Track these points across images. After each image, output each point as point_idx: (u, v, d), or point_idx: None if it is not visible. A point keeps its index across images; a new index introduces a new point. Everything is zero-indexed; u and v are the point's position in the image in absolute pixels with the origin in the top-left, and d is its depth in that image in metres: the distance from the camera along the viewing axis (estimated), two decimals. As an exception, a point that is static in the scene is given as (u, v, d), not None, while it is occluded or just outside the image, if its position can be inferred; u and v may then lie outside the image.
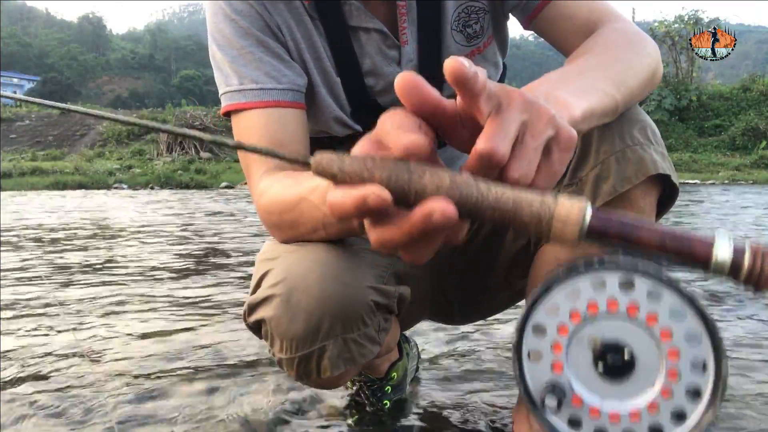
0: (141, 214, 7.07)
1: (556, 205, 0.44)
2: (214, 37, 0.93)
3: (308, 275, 0.82)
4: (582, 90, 0.65)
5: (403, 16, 0.94)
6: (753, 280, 0.42)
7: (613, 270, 0.44)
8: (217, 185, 15.91)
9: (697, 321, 0.43)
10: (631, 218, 0.45)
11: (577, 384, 0.46)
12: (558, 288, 0.45)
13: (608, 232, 0.44)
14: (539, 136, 0.48)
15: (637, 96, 0.78)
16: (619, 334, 0.45)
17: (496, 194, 0.44)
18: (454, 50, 0.98)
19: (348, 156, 0.45)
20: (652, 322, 0.44)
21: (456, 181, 0.45)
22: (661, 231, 0.44)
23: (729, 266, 0.42)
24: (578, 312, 0.45)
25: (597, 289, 0.45)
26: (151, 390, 1.44)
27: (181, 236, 4.98)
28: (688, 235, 0.44)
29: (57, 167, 17.08)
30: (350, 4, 0.92)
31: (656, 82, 0.83)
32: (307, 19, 0.94)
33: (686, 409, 0.44)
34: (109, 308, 2.33)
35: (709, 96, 20.25)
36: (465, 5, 0.96)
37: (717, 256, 0.42)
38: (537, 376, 0.46)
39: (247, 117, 0.90)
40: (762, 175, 14.44)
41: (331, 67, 0.97)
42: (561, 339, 0.45)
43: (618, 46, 0.80)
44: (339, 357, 0.85)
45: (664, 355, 0.44)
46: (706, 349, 0.43)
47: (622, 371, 0.45)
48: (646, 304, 0.43)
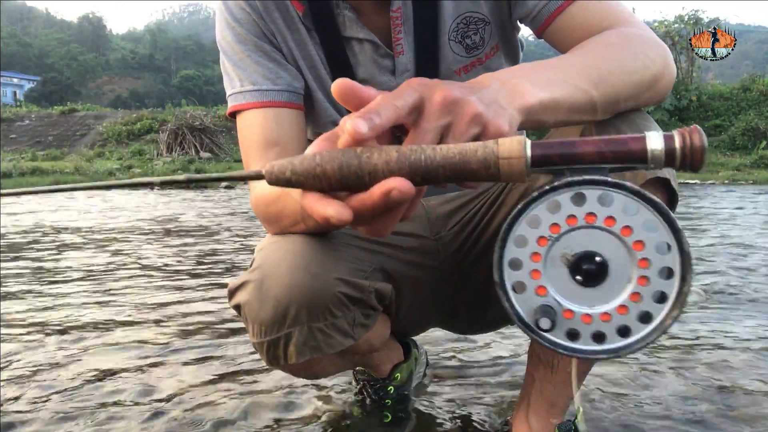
0: (195, 210, 7.02)
1: (498, 145, 0.47)
2: (219, 43, 0.98)
3: (281, 264, 0.87)
4: (550, 81, 0.65)
5: (398, 27, 0.94)
6: (688, 161, 0.46)
7: (562, 189, 0.47)
8: (217, 185, 15.87)
9: (648, 211, 0.46)
10: (568, 138, 0.48)
11: (562, 299, 0.49)
12: (520, 220, 0.49)
13: (551, 156, 0.47)
14: (461, 136, 0.51)
15: (627, 97, 0.75)
16: (586, 243, 0.48)
17: (442, 152, 0.47)
18: (451, 60, 0.98)
19: (297, 157, 0.48)
20: (611, 224, 0.47)
21: (403, 151, 0.47)
22: (597, 141, 0.47)
23: (664, 154, 0.46)
24: (543, 236, 0.48)
25: (554, 210, 0.48)
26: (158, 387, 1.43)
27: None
28: (621, 137, 0.47)
29: (57, 167, 17.06)
30: (343, 15, 0.94)
31: (660, 89, 0.80)
32: (302, 28, 0.96)
33: (666, 290, 0.47)
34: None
35: (709, 96, 20.23)
36: (464, 16, 0.95)
37: (651, 149, 0.46)
38: (527, 303, 0.50)
39: (246, 117, 0.95)
40: (762, 175, 14.42)
41: (327, 75, 0.99)
42: (536, 265, 0.49)
43: (610, 46, 0.78)
44: (305, 344, 0.88)
45: (629, 248, 0.47)
46: (666, 234, 0.46)
47: (598, 275, 0.48)
48: (600, 209, 0.47)
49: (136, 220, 6.07)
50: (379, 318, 1.02)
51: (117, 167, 17.28)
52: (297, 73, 0.98)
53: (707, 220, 5.35)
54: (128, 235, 4.81)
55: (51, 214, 6.70)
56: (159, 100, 52.54)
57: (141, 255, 3.76)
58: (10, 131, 23.76)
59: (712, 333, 1.88)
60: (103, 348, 1.80)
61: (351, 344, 0.94)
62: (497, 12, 0.96)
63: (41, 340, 1.89)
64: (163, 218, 6.23)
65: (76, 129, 24.08)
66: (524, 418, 1.06)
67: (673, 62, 0.82)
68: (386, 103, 0.50)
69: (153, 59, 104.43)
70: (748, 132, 18.12)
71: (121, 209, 7.38)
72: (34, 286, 2.77)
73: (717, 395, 1.37)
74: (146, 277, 2.99)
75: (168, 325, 2.06)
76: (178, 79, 77.12)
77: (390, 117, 0.49)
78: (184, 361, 1.67)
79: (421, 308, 1.11)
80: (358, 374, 1.37)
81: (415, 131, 0.51)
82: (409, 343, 1.38)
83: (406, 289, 1.04)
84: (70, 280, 2.93)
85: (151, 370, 1.59)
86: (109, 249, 4.04)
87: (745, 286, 2.60)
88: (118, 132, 22.23)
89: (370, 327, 0.97)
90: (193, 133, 18.89)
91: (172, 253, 3.81)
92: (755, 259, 3.28)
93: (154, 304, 2.39)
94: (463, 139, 0.51)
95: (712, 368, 1.55)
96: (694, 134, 0.45)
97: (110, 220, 6.06)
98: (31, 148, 21.46)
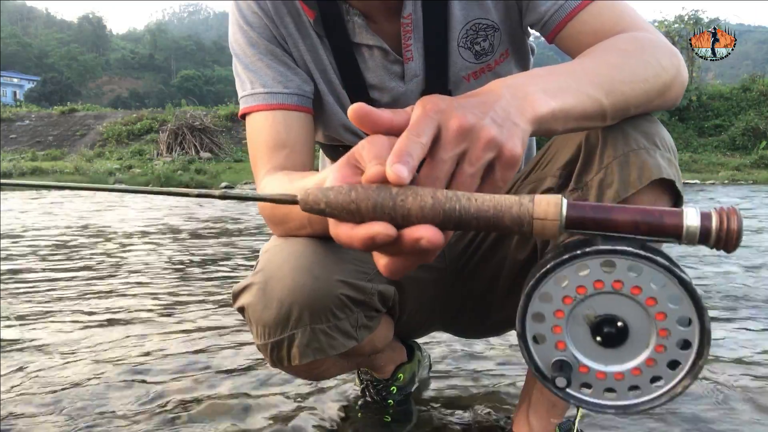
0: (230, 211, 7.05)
1: (534, 204, 0.47)
2: (231, 46, 0.99)
3: (284, 266, 0.87)
4: (561, 89, 0.64)
5: (408, 33, 0.94)
6: (722, 243, 0.45)
7: (594, 256, 0.47)
8: (217, 185, 15.89)
9: (674, 286, 0.46)
10: (604, 204, 0.48)
11: (580, 355, 0.50)
12: (548, 279, 0.49)
13: (585, 221, 0.47)
14: (477, 162, 0.52)
15: (637, 105, 0.74)
16: (610, 307, 0.48)
17: (477, 204, 0.47)
18: (460, 67, 0.98)
19: (332, 189, 0.48)
20: (637, 292, 0.47)
21: (438, 198, 0.47)
22: (633, 210, 0.47)
23: (699, 233, 0.45)
24: (569, 295, 0.49)
25: (582, 273, 0.48)
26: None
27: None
28: (659, 210, 0.47)
29: (57, 167, 17.07)
30: (353, 21, 0.95)
31: (671, 96, 0.78)
32: (313, 34, 0.97)
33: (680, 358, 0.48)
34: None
35: (709, 96, 20.23)
36: (473, 22, 0.95)
37: (687, 225, 0.45)
38: (545, 355, 0.51)
39: (256, 119, 0.96)
40: (762, 175, 14.43)
41: (337, 80, 1.00)
42: (559, 321, 0.50)
43: (623, 52, 0.76)
44: (308, 346, 0.89)
45: (651, 317, 0.48)
46: (689, 309, 0.47)
47: (618, 338, 0.49)
48: (628, 278, 0.47)
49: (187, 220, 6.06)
50: (383, 319, 1.02)
51: (117, 167, 17.28)
52: (307, 77, 0.98)
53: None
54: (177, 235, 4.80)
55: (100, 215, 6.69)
56: (159, 100, 52.50)
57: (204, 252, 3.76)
58: (10, 131, 23.76)
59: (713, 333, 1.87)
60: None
61: (354, 346, 0.94)
62: (507, 18, 0.95)
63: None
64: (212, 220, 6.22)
65: (76, 129, 24.07)
66: (525, 418, 1.06)
67: (685, 69, 0.80)
68: (413, 142, 0.50)
69: (153, 59, 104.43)
70: (748, 132, 18.12)
71: (157, 209, 7.37)
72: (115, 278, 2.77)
73: (718, 396, 1.37)
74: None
75: (181, 322, 2.06)
76: (178, 79, 77.07)
77: (420, 156, 0.50)
78: (183, 360, 1.67)
79: (425, 310, 1.10)
80: (361, 374, 1.37)
81: (432, 161, 0.51)
82: (412, 344, 1.38)
83: (410, 290, 1.04)
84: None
85: (150, 365, 1.59)
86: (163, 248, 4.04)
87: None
88: (118, 132, 22.22)
89: (373, 329, 0.97)
90: (193, 133, 18.89)
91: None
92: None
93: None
94: (479, 164, 0.51)
95: (712, 368, 1.55)
96: (732, 216, 0.45)
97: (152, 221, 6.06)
98: (31, 148, 21.46)
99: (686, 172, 16.46)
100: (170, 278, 2.99)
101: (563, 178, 0.85)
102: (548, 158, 0.90)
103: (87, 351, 1.77)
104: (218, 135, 19.40)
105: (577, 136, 0.83)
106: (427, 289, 1.06)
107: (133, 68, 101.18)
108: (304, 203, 0.49)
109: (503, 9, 0.95)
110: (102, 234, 5.04)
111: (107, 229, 5.35)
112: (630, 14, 0.84)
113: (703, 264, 3.20)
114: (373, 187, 0.48)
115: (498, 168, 0.53)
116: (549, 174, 0.88)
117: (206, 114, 20.68)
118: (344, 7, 0.94)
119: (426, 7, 0.93)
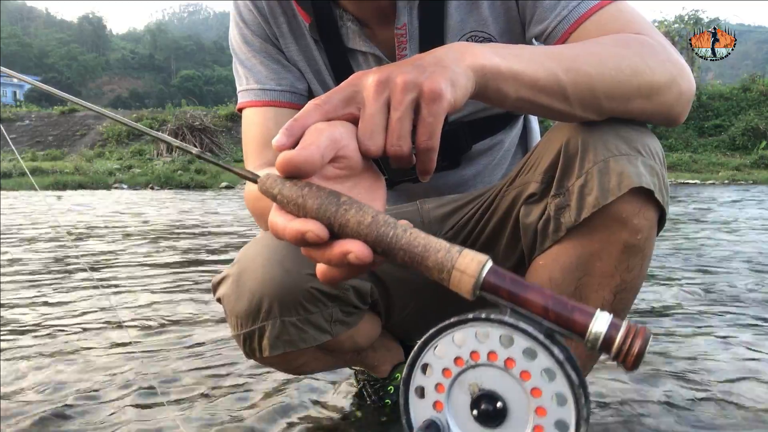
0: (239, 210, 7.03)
1: (459, 256, 0.47)
2: (230, 42, 1.02)
3: (257, 259, 0.89)
4: (513, 54, 0.63)
5: (403, 44, 0.94)
6: (621, 357, 0.43)
7: (497, 325, 0.46)
8: (217, 185, 15.90)
9: (565, 383, 0.44)
10: (525, 281, 0.47)
11: (453, 424, 0.48)
12: (446, 334, 0.48)
13: (500, 289, 0.46)
14: (399, 106, 0.52)
15: (607, 94, 0.70)
16: (496, 384, 0.47)
17: (408, 238, 0.48)
18: None
19: (289, 181, 0.51)
20: (526, 378, 0.45)
21: (377, 220, 0.48)
22: (548, 296, 0.46)
23: (601, 340, 0.44)
24: (462, 358, 0.47)
25: (481, 340, 0.47)
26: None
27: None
28: (572, 304, 0.45)
29: (57, 167, 17.08)
30: (347, 27, 0.95)
31: (662, 102, 0.74)
32: (307, 35, 0.98)
33: None
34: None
35: (709, 96, 20.25)
36: (469, 34, 0.94)
37: (592, 329, 0.44)
38: (422, 411, 0.49)
39: (249, 114, 0.98)
40: (762, 175, 14.44)
41: (332, 81, 1.01)
42: (444, 380, 0.48)
43: (600, 43, 0.73)
44: (278, 338, 0.90)
45: (532, 410, 0.45)
46: (569, 412, 0.44)
47: (495, 418, 0.47)
48: (522, 360, 0.45)
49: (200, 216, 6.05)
50: (366, 317, 1.02)
51: (117, 167, 17.29)
52: (300, 75, 1.00)
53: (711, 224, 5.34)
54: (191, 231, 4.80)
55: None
56: (159, 100, 52.51)
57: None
58: (10, 131, 23.78)
59: (713, 333, 1.88)
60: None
61: (328, 340, 0.94)
62: (507, 32, 0.93)
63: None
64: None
65: (76, 129, 24.09)
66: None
67: (688, 82, 0.75)
68: (308, 109, 0.53)
69: (153, 59, 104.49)
70: (748, 132, 18.14)
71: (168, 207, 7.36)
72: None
73: (718, 396, 1.37)
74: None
75: (178, 322, 2.06)
76: (178, 79, 77.16)
77: (314, 120, 0.52)
78: (181, 357, 1.67)
79: (417, 311, 1.10)
80: (358, 374, 1.37)
81: (363, 118, 0.53)
82: (412, 345, 1.38)
83: (396, 290, 1.03)
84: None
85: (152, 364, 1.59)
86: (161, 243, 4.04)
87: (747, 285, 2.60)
88: (118, 132, 22.25)
89: (351, 325, 0.97)
90: (193, 133, 18.93)
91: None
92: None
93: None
94: (402, 108, 0.52)
95: (712, 368, 1.55)
96: (638, 337, 0.43)
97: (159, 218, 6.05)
98: (31, 149, 21.50)
99: (686, 172, 16.46)
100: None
101: (546, 183, 0.82)
102: (532, 162, 0.87)
103: (87, 350, 1.77)
104: (218, 135, 19.44)
105: (559, 140, 0.80)
106: (417, 290, 1.04)
107: (133, 68, 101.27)
108: (261, 184, 0.52)
109: (504, 23, 0.93)
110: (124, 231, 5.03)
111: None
112: (640, 24, 0.79)
113: (706, 264, 3.20)
114: (327, 190, 0.49)
115: (423, 105, 0.53)
116: (533, 179, 0.84)
117: (206, 114, 20.71)
118: (338, 12, 0.94)
119: (422, 18, 0.93)
